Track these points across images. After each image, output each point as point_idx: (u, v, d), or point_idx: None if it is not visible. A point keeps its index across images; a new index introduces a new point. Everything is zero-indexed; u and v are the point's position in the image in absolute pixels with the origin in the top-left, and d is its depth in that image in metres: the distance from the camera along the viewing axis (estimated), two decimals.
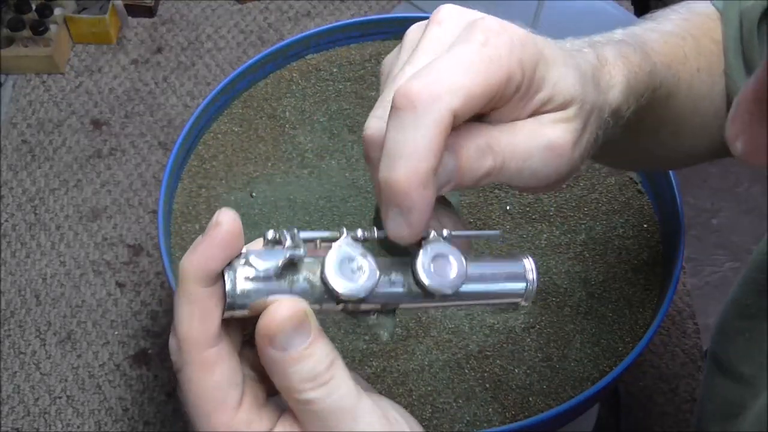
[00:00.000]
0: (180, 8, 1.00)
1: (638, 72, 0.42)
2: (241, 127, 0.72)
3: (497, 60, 0.33)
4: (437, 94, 0.32)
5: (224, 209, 0.33)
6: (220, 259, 0.32)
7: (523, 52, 0.34)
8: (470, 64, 0.33)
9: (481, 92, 0.33)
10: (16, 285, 0.80)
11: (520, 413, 0.58)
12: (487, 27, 0.34)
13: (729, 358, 0.58)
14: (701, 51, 0.50)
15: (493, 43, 0.33)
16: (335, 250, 0.33)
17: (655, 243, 0.65)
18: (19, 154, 0.89)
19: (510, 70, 0.33)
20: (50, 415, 0.73)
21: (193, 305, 0.32)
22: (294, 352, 0.31)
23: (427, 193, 0.32)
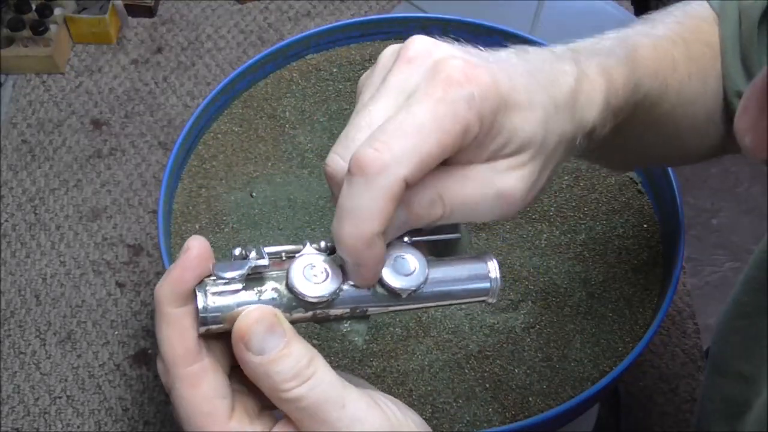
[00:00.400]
0: (180, 8, 1.00)
1: (619, 89, 0.42)
2: (241, 127, 0.72)
3: (452, 116, 0.34)
4: (387, 164, 0.33)
5: (193, 237, 0.35)
6: (190, 280, 0.34)
7: (482, 104, 0.34)
8: (423, 126, 0.34)
9: (435, 153, 0.34)
10: (16, 285, 0.80)
11: (520, 413, 0.58)
12: (448, 77, 0.34)
13: (729, 358, 0.58)
14: (692, 56, 0.50)
15: (451, 98, 0.34)
16: (299, 259, 0.36)
17: (655, 243, 0.65)
18: (19, 154, 0.89)
19: (466, 124, 0.34)
20: (50, 415, 0.73)
21: (170, 326, 0.34)
22: (272, 354, 0.33)
23: (374, 252, 0.34)
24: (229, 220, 0.66)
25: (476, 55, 0.37)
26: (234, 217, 0.67)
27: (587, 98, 0.40)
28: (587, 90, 0.40)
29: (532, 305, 0.62)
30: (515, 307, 0.62)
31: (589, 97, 0.40)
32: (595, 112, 0.40)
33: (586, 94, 0.40)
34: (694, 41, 0.51)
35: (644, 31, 0.49)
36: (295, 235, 0.66)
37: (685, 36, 0.50)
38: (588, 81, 0.40)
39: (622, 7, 0.96)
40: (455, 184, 0.36)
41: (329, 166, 0.36)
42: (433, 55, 0.36)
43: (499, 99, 0.35)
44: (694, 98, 0.51)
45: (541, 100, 0.37)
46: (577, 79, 0.39)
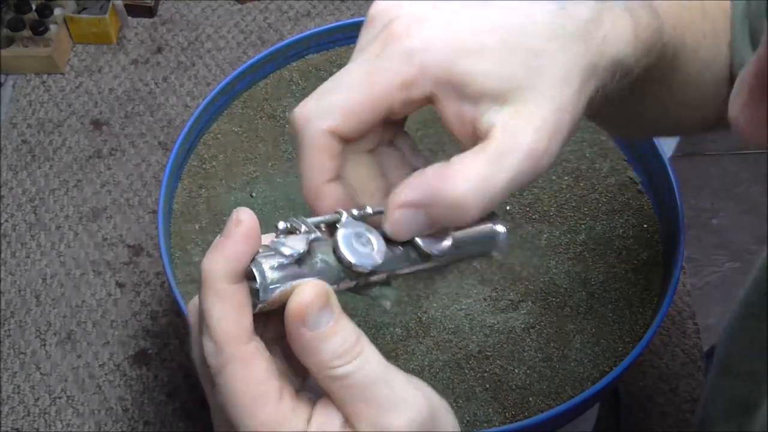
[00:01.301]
0: (180, 8, 1.00)
1: (646, 27, 0.40)
2: (241, 127, 0.72)
3: (386, 70, 0.34)
4: (307, 118, 0.35)
5: (242, 209, 0.33)
6: (247, 256, 0.33)
7: (425, 56, 0.34)
8: (353, 81, 0.35)
9: (365, 107, 0.35)
10: (16, 285, 0.80)
11: (520, 413, 0.58)
12: (390, 34, 0.35)
13: (737, 358, 0.58)
14: (707, 17, 0.48)
15: (387, 54, 0.35)
16: (343, 229, 0.35)
17: (655, 243, 0.65)
18: (19, 154, 0.89)
19: (405, 78, 0.34)
20: (50, 415, 0.73)
21: (225, 303, 0.33)
22: (323, 330, 0.32)
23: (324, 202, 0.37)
24: None
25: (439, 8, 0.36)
26: None
27: (613, 29, 0.38)
28: (611, 21, 0.38)
29: (532, 305, 0.62)
30: (515, 307, 0.62)
31: (616, 28, 0.38)
32: (622, 42, 0.38)
33: (610, 24, 0.38)
34: (709, 3, 0.49)
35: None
36: None
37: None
38: (613, 14, 0.38)
39: None
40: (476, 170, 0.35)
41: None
42: (390, 13, 0.36)
43: (452, 46, 0.35)
44: (708, 60, 0.49)
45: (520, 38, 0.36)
46: (600, 11, 0.38)
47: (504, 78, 0.35)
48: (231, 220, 0.33)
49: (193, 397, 0.74)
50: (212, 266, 0.33)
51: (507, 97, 0.35)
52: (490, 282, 0.63)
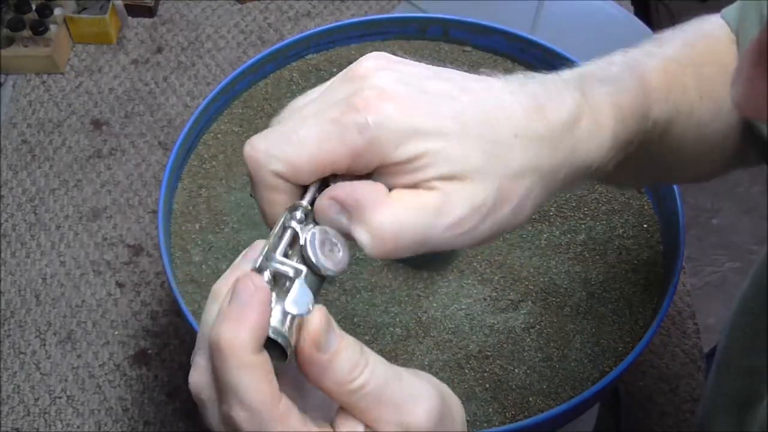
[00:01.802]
0: (180, 8, 1.00)
1: (628, 120, 0.41)
2: (241, 127, 0.72)
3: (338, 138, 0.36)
4: (258, 161, 0.37)
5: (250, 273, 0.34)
6: (267, 324, 0.34)
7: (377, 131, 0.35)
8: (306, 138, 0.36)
9: (309, 167, 0.36)
10: (16, 285, 0.80)
11: (520, 413, 0.58)
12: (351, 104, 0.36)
13: (736, 353, 0.58)
14: (704, 77, 0.48)
15: (342, 122, 0.36)
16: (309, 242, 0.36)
17: (655, 243, 0.65)
18: (19, 154, 0.89)
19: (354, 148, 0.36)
20: (50, 415, 0.73)
21: (254, 373, 0.33)
22: (333, 350, 0.34)
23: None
24: (229, 220, 0.66)
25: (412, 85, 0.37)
26: (234, 217, 0.67)
27: (587, 132, 0.39)
28: (588, 123, 0.39)
29: (532, 305, 0.62)
30: (515, 307, 0.62)
31: (590, 131, 0.39)
32: (595, 144, 0.39)
33: (586, 128, 0.39)
34: (706, 63, 0.49)
35: (653, 52, 0.47)
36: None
37: (695, 59, 0.48)
38: (592, 113, 0.39)
39: (622, 7, 0.96)
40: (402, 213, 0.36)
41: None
42: (367, 79, 0.37)
43: (406, 128, 0.36)
44: (708, 120, 0.49)
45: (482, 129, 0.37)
46: (576, 113, 0.39)
47: (455, 160, 0.36)
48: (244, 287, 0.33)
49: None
50: (235, 340, 0.33)
51: (455, 176, 0.36)
52: (490, 282, 0.63)
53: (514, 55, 0.74)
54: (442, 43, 0.75)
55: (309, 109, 0.38)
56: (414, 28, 0.75)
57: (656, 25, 2.04)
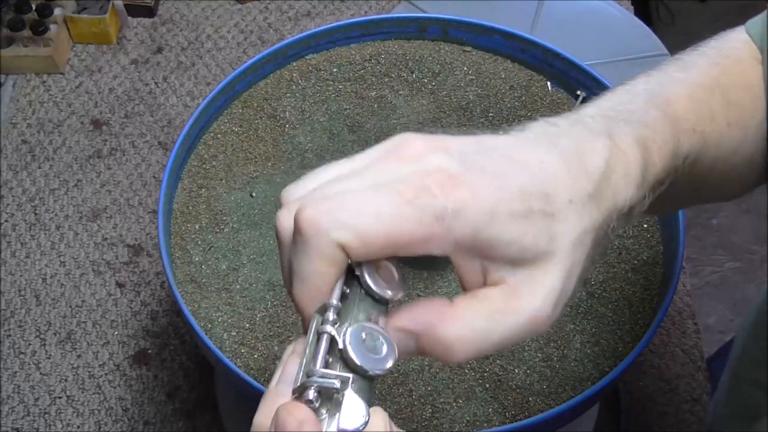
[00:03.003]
0: (180, 8, 1.00)
1: (656, 161, 0.39)
2: (241, 127, 0.72)
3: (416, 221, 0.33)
4: (320, 226, 0.33)
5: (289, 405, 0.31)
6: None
7: (455, 220, 0.33)
8: (380, 213, 0.33)
9: (379, 243, 0.33)
10: (16, 285, 0.80)
11: (520, 413, 0.58)
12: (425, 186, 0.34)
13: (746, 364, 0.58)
14: (731, 102, 0.46)
15: (418, 205, 0.33)
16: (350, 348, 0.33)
17: (655, 243, 0.65)
18: (19, 154, 0.89)
19: (430, 235, 0.33)
20: (50, 415, 0.73)
21: None
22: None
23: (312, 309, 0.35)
24: (229, 220, 0.66)
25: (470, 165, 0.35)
26: (234, 217, 0.67)
27: (622, 176, 0.38)
28: (621, 168, 0.38)
29: None
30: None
31: (624, 175, 0.38)
32: (632, 189, 0.38)
33: (620, 173, 0.37)
34: (732, 85, 0.47)
35: (677, 77, 0.45)
36: None
37: (722, 81, 0.46)
38: (623, 157, 0.38)
39: (622, 7, 0.96)
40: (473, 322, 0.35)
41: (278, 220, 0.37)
42: (423, 159, 0.35)
43: (480, 213, 0.34)
44: (735, 147, 0.47)
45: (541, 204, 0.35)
46: (610, 158, 0.37)
47: (525, 247, 0.35)
48: (288, 425, 0.31)
49: (193, 397, 0.74)
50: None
51: (524, 263, 0.35)
52: None
53: (514, 55, 0.74)
54: (442, 43, 0.75)
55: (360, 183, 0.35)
56: (414, 28, 0.75)
57: (656, 25, 2.04)
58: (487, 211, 0.34)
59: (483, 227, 0.34)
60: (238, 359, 0.59)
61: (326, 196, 0.34)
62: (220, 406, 0.74)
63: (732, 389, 0.60)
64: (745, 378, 0.58)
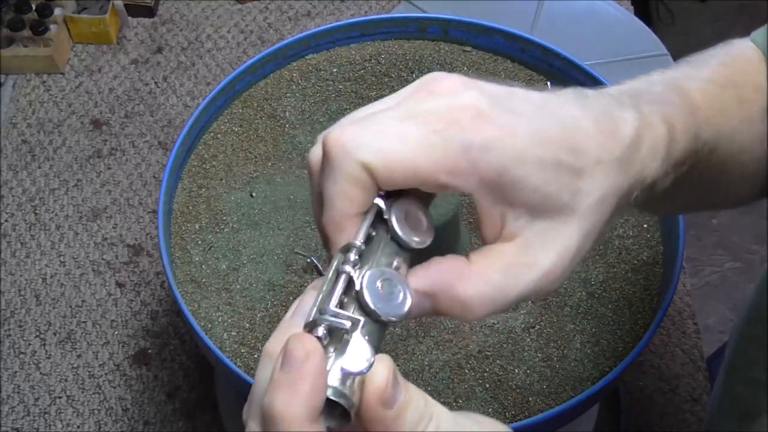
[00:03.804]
0: (180, 8, 1.00)
1: (681, 140, 0.40)
2: (241, 127, 0.72)
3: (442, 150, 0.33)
4: (347, 146, 0.34)
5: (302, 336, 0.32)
6: (324, 390, 0.32)
7: (481, 155, 0.34)
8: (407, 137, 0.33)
9: (406, 167, 0.33)
10: (16, 285, 0.80)
11: (520, 413, 0.58)
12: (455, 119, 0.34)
13: (744, 363, 0.58)
14: (743, 100, 0.47)
15: (447, 136, 0.33)
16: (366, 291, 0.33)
17: (655, 243, 0.65)
18: (19, 154, 0.89)
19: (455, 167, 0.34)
20: (50, 415, 0.73)
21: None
22: (400, 403, 0.32)
23: (344, 236, 0.35)
24: (229, 220, 0.66)
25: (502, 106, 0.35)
26: (234, 217, 0.67)
27: (649, 148, 0.38)
28: (649, 140, 0.38)
29: (532, 305, 0.62)
30: (515, 307, 0.62)
31: (652, 147, 0.38)
32: (657, 163, 0.38)
33: (648, 144, 0.38)
34: (744, 84, 0.47)
35: (691, 74, 0.45)
36: (295, 234, 0.66)
37: (734, 79, 0.47)
38: (651, 130, 0.38)
39: (622, 7, 0.96)
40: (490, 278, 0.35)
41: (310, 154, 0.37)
42: (455, 95, 0.35)
43: (509, 152, 0.34)
44: (748, 145, 0.47)
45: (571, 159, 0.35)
46: (639, 128, 0.37)
47: (548, 197, 0.35)
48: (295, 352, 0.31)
49: (193, 397, 0.74)
50: (289, 411, 0.31)
51: (543, 213, 0.35)
52: None
53: (514, 55, 0.74)
54: (442, 43, 0.75)
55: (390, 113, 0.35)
56: (414, 28, 0.75)
57: (656, 25, 2.04)
58: (516, 153, 0.34)
59: (509, 168, 0.34)
60: (238, 359, 0.59)
61: (354, 121, 0.35)
62: (220, 406, 0.74)
63: (727, 388, 0.60)
64: (741, 377, 0.58)
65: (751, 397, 0.56)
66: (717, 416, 0.61)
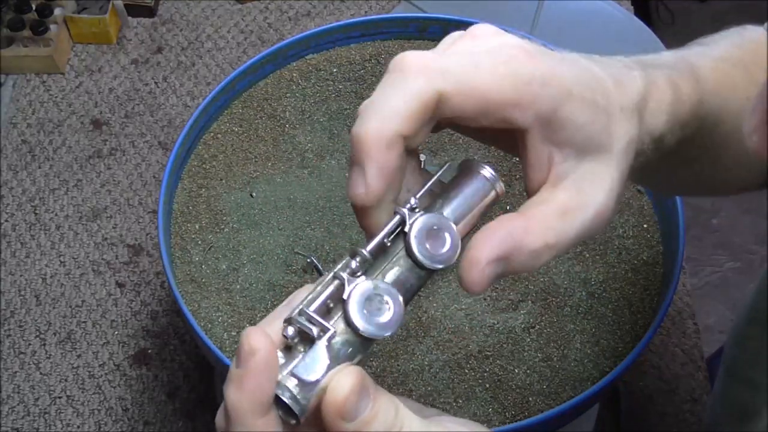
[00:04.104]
0: (180, 8, 1.00)
1: (686, 101, 0.41)
2: (241, 127, 0.72)
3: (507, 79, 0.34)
4: (427, 69, 0.33)
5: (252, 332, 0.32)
6: (270, 388, 0.32)
7: (542, 88, 0.34)
8: (481, 66, 0.34)
9: (477, 97, 0.34)
10: (16, 285, 0.80)
11: (520, 413, 0.58)
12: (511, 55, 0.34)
13: (742, 364, 0.58)
14: (752, 80, 0.48)
15: (513, 66, 0.34)
16: (351, 300, 0.33)
17: (655, 243, 0.65)
18: (19, 154, 0.89)
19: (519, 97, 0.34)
20: (50, 415, 0.73)
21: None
22: (364, 417, 0.32)
23: (389, 155, 0.33)
24: (229, 220, 0.66)
25: (538, 49, 0.36)
26: (234, 217, 0.67)
27: (656, 104, 0.39)
28: (656, 96, 0.39)
29: (532, 305, 0.62)
30: (515, 307, 0.62)
31: (658, 103, 0.39)
32: (663, 118, 0.39)
33: (655, 100, 0.39)
34: (753, 65, 0.48)
35: (701, 51, 0.47)
36: (295, 234, 0.66)
37: (745, 59, 0.48)
38: (656, 87, 0.39)
39: (622, 7, 0.96)
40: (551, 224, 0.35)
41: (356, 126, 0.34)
42: (498, 37, 0.36)
43: (561, 89, 0.35)
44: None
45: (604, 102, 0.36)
46: (646, 84, 0.39)
47: (591, 135, 0.36)
48: (243, 348, 0.31)
49: (193, 397, 0.74)
50: (238, 404, 0.32)
51: (587, 153, 0.36)
52: None
53: None
54: None
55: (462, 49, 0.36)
56: (414, 28, 0.75)
57: (656, 25, 2.04)
58: (567, 89, 0.35)
59: (562, 103, 0.35)
60: None
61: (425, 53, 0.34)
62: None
63: (726, 389, 0.60)
64: (739, 377, 0.58)
65: (749, 398, 0.56)
66: (716, 416, 0.61)
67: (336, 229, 0.67)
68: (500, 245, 0.34)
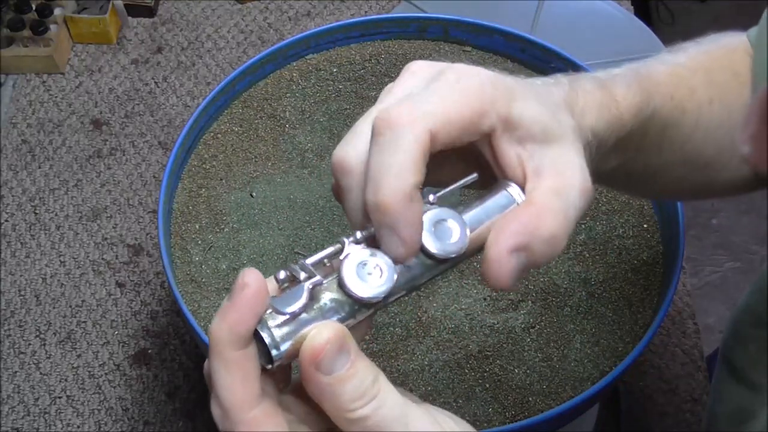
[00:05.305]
0: (180, 8, 1.00)
1: (620, 101, 0.43)
2: (241, 127, 0.72)
3: (468, 94, 0.36)
4: (414, 117, 0.35)
5: (249, 271, 0.33)
6: (250, 321, 0.33)
7: (494, 90, 0.37)
8: (445, 95, 0.36)
9: (457, 119, 0.36)
10: (16, 285, 0.80)
11: (520, 413, 0.58)
12: (458, 69, 0.37)
13: (740, 365, 0.58)
14: (714, 82, 0.50)
15: (465, 82, 0.36)
16: (347, 261, 0.35)
17: (655, 243, 0.65)
18: (19, 154, 0.89)
19: (482, 104, 0.36)
20: (50, 415, 0.73)
21: (232, 370, 0.33)
22: (340, 374, 0.32)
23: (415, 207, 0.35)
24: (229, 220, 0.66)
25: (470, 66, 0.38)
26: (234, 217, 0.67)
27: (584, 101, 0.41)
28: (582, 96, 0.41)
29: (532, 305, 0.62)
30: (515, 307, 0.62)
31: (586, 101, 0.41)
32: (594, 114, 0.41)
33: (582, 98, 0.41)
34: (719, 68, 0.50)
35: (665, 59, 0.49)
36: (295, 234, 0.66)
37: (707, 64, 0.50)
38: (582, 89, 0.42)
39: (622, 7, 0.96)
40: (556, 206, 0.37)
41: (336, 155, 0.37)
42: (436, 66, 0.38)
43: (507, 88, 0.37)
44: (718, 123, 0.50)
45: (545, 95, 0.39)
46: (573, 87, 0.41)
47: (545, 125, 0.38)
48: (237, 283, 0.33)
49: (193, 397, 0.74)
50: (217, 333, 0.33)
51: (548, 143, 0.38)
52: None
53: (514, 55, 0.74)
54: (442, 43, 0.76)
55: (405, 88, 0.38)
56: (414, 28, 0.75)
57: (656, 25, 2.04)
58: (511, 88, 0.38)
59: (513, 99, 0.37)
60: None
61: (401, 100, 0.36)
62: None
63: (724, 389, 0.60)
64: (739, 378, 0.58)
65: (749, 399, 0.56)
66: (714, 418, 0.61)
67: (336, 229, 0.67)
68: (516, 235, 0.36)
